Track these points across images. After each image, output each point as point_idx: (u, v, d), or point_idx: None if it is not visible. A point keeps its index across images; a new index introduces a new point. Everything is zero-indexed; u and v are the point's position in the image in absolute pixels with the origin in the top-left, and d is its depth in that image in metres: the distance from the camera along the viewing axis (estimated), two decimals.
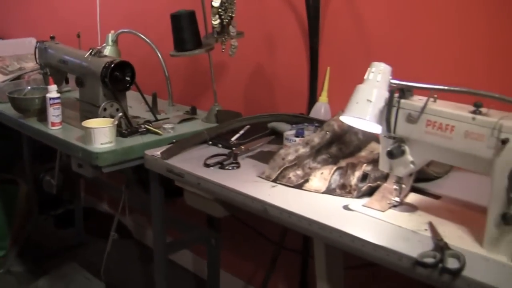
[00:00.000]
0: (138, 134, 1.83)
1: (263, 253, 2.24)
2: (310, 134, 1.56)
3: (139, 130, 1.84)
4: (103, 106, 1.83)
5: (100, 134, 1.69)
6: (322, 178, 1.39)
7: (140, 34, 2.31)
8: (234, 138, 1.77)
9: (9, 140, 2.75)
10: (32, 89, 2.18)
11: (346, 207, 1.28)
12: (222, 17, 1.80)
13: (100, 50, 1.90)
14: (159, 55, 2.29)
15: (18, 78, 2.47)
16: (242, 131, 1.82)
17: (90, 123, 1.73)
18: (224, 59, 2.22)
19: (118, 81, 1.83)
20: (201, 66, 2.38)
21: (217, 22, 1.80)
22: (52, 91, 1.87)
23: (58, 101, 1.88)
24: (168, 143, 1.73)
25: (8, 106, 2.11)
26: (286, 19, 2.01)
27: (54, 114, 1.89)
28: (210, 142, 1.76)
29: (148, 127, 1.86)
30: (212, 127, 1.84)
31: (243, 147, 1.68)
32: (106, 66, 1.79)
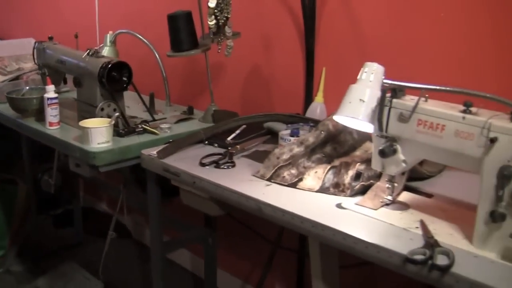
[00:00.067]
0: (135, 134, 1.85)
1: (260, 252, 2.25)
2: (305, 133, 1.57)
3: (136, 130, 1.85)
4: (100, 106, 1.84)
5: (97, 133, 1.70)
6: (316, 177, 1.40)
7: (138, 35, 2.32)
8: (230, 138, 1.78)
9: (8, 140, 2.76)
10: (30, 89, 2.19)
11: (339, 206, 1.29)
12: (218, 17, 1.81)
13: (97, 50, 1.91)
14: (157, 56, 2.30)
15: (16, 78, 2.49)
16: (238, 131, 1.83)
17: (87, 123, 1.74)
18: (221, 60, 2.23)
19: (115, 81, 1.84)
20: (198, 67, 2.39)
21: (213, 23, 1.81)
22: (50, 91, 1.88)
23: (56, 101, 1.89)
24: (164, 143, 1.74)
25: (6, 106, 2.13)
26: (282, 20, 2.02)
27: (52, 114, 1.90)
28: (206, 142, 1.77)
29: (145, 127, 1.87)
30: (208, 127, 1.85)
31: (239, 147, 1.69)
32: (103, 66, 1.81)
